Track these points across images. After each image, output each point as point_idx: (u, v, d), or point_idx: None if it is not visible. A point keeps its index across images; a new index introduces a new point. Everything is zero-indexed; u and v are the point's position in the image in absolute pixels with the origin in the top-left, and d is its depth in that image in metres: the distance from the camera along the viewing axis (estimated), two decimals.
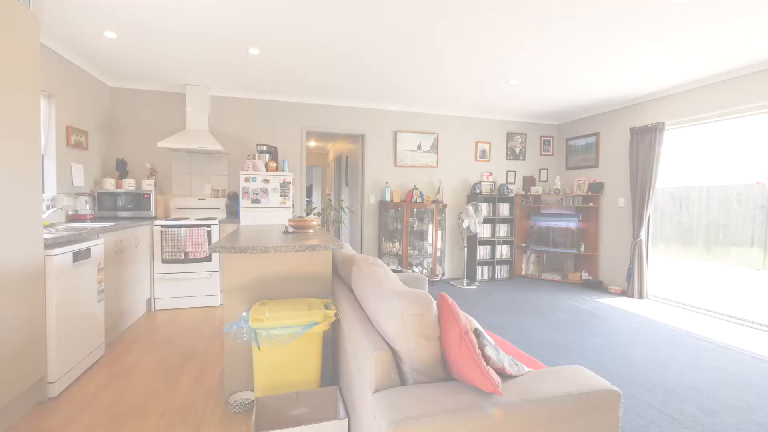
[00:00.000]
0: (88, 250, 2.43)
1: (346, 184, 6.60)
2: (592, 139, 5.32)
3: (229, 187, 4.64)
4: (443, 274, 5.36)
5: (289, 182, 4.23)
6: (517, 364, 1.35)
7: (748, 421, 1.97)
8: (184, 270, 3.83)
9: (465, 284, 5.07)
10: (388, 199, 5.05)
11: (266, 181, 4.16)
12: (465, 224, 5.00)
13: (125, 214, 3.88)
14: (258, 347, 1.72)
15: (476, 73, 3.83)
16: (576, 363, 2.65)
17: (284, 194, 4.22)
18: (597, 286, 5.00)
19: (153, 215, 3.97)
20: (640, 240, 4.46)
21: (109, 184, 3.86)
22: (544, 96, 4.62)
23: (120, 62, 3.65)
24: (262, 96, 4.68)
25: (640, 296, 4.45)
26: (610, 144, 5.07)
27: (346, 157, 6.59)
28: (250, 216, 4.11)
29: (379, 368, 1.19)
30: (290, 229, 2.73)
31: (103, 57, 3.51)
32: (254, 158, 4.44)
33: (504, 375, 1.28)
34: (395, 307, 1.22)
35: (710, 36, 2.91)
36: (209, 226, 3.89)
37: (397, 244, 5.11)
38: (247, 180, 4.10)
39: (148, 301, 3.74)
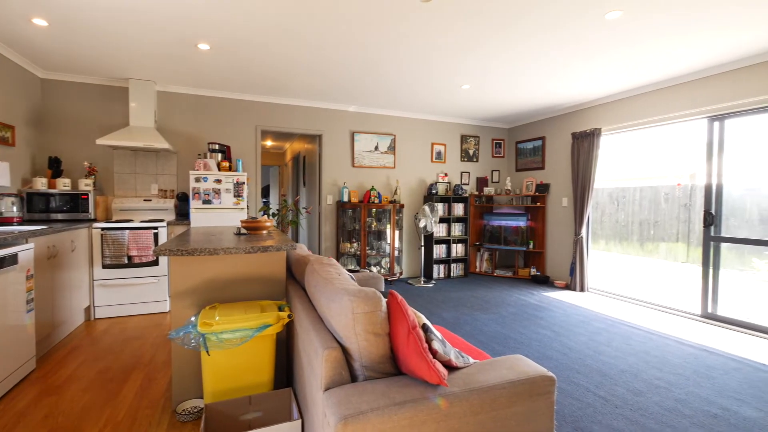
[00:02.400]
0: (15, 255, 2.22)
1: (304, 185, 6.52)
2: (539, 143, 5.65)
3: (179, 188, 4.43)
4: (401, 273, 5.45)
5: (243, 182, 4.12)
6: (462, 356, 1.42)
7: (668, 399, 2.20)
8: (128, 275, 3.61)
9: (422, 283, 5.19)
10: (346, 199, 5.06)
11: (218, 181, 4.01)
12: (422, 224, 5.12)
13: (60, 216, 3.58)
14: (207, 352, 1.67)
15: (430, 77, 3.95)
16: (523, 353, 2.81)
17: (238, 195, 4.10)
18: (544, 281, 5.32)
19: (92, 217, 3.70)
20: (581, 237, 4.81)
21: (40, 184, 3.55)
22: (495, 101, 4.85)
23: (52, 52, 3.36)
24: (214, 93, 4.51)
25: (582, 289, 4.80)
26: (555, 147, 5.42)
27: (304, 157, 6.50)
28: (201, 217, 3.95)
29: (329, 366, 1.21)
30: (243, 231, 2.66)
31: (33, 45, 3.22)
32: (206, 157, 4.27)
33: (450, 367, 1.35)
34: (345, 306, 1.25)
35: (640, 50, 3.20)
36: (156, 228, 3.69)
37: (355, 245, 5.13)
38: (197, 180, 3.93)
39: (87, 309, 3.48)
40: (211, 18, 2.71)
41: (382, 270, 5.27)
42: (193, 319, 1.79)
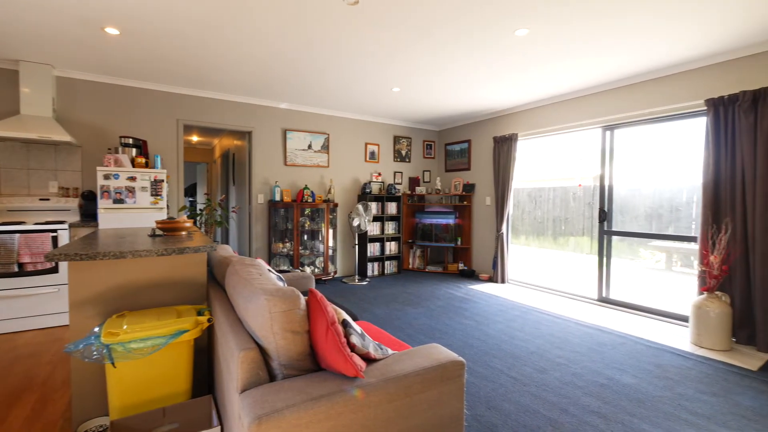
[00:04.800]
0: None
1: (234, 183, 6.21)
2: (466, 145, 6.02)
3: (84, 186, 3.97)
4: (335, 272, 5.46)
5: (163, 180, 3.82)
6: (381, 348, 1.49)
7: (567, 374, 2.50)
8: (18, 285, 3.16)
9: (356, 281, 5.25)
10: (278, 198, 4.93)
11: (133, 178, 3.68)
12: (355, 223, 5.17)
13: None
14: (113, 364, 1.54)
15: (361, 79, 4.01)
16: (447, 342, 3.00)
17: (156, 194, 3.79)
18: (471, 274, 5.68)
19: None
20: (502, 233, 5.23)
21: None
22: (424, 105, 5.06)
23: None
24: (128, 82, 4.12)
25: (503, 281, 5.22)
26: (479, 150, 5.80)
27: (233, 154, 6.20)
28: (111, 218, 3.59)
29: (246, 367, 1.20)
30: (158, 232, 2.48)
31: None
32: (117, 152, 3.89)
33: (370, 359, 1.41)
34: (262, 305, 1.24)
35: (547, 66, 3.57)
36: (55, 231, 3.28)
37: (288, 245, 5.03)
38: (107, 177, 3.56)
39: None
40: (116, 1, 2.48)
41: (317, 269, 5.23)
42: (96, 329, 1.64)
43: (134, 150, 3.86)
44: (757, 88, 3.00)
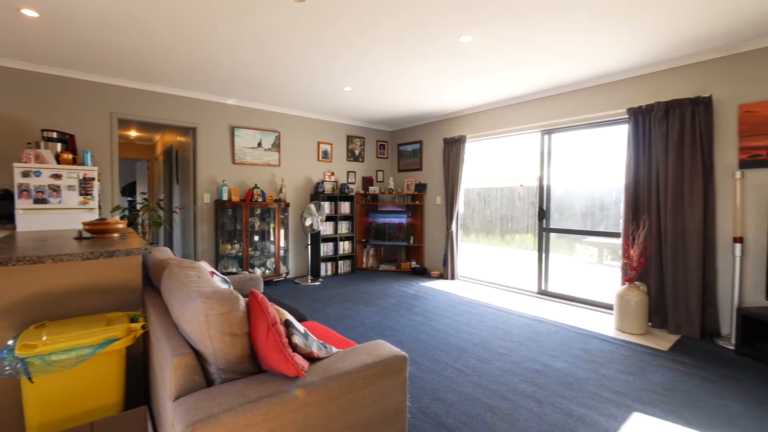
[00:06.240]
0: None
1: (177, 182, 5.88)
2: (418, 146, 6.16)
3: None
4: (288, 273, 5.36)
5: (93, 178, 3.53)
6: (326, 347, 1.50)
7: (507, 363, 2.66)
8: None
9: (309, 281, 5.19)
10: (225, 198, 4.74)
11: (58, 176, 3.36)
12: (308, 222, 5.11)
13: None
14: (29, 379, 1.42)
15: (312, 77, 3.96)
16: (397, 339, 3.07)
17: (86, 193, 3.50)
18: (422, 272, 5.83)
19: None
20: (452, 231, 5.42)
21: None
22: (376, 105, 5.11)
23: None
24: (52, 70, 3.75)
25: (453, 278, 5.41)
26: (430, 151, 5.97)
27: (177, 150, 5.86)
28: (33, 220, 3.26)
29: (179, 373, 1.16)
30: (86, 234, 2.30)
31: None
32: (39, 147, 3.53)
33: (313, 358, 1.42)
34: (198, 308, 1.21)
35: (491, 72, 3.76)
36: None
37: (237, 246, 4.85)
38: (26, 174, 3.23)
39: None
40: None
41: (268, 271, 5.10)
42: (10, 342, 1.50)
43: (59, 145, 3.53)
44: (669, 99, 3.37)
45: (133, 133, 6.96)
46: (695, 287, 3.15)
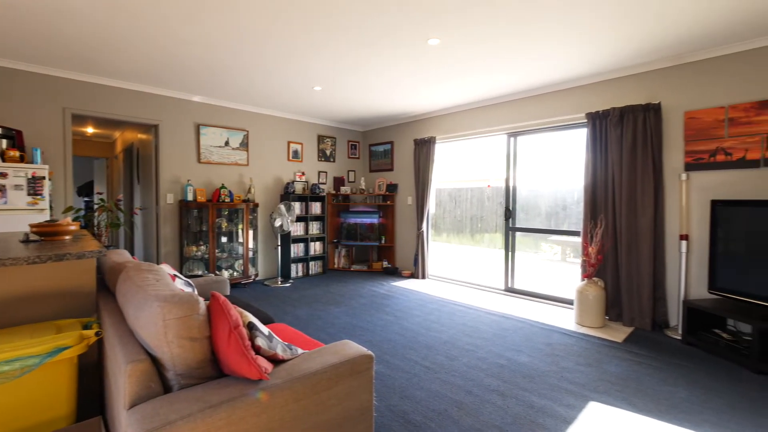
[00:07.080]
0: None
1: (138, 181, 5.62)
2: (389, 146, 6.20)
3: None
4: (257, 275, 5.25)
5: (44, 177, 3.32)
6: (291, 349, 1.49)
7: (473, 359, 2.73)
8: None
9: (279, 283, 5.10)
10: (190, 198, 4.58)
11: (3, 175, 3.14)
12: (278, 223, 5.03)
13: None
14: None
15: (281, 75, 3.90)
16: (367, 338, 3.07)
17: (35, 193, 3.29)
18: (394, 272, 5.87)
19: None
20: (423, 231, 5.49)
21: None
22: (347, 105, 5.10)
23: None
24: None
25: (423, 277, 5.49)
26: (402, 151, 6.02)
27: (138, 149, 5.60)
28: None
29: (134, 381, 1.12)
30: (33, 237, 2.16)
31: None
32: None
33: (277, 360, 1.41)
34: (155, 313, 1.17)
35: (458, 75, 3.84)
36: None
37: (203, 247, 4.70)
38: None
39: None
40: None
41: (236, 273, 4.97)
42: None
43: (4, 141, 3.30)
44: (624, 105, 3.57)
45: (90, 130, 6.60)
46: (647, 282, 3.36)
